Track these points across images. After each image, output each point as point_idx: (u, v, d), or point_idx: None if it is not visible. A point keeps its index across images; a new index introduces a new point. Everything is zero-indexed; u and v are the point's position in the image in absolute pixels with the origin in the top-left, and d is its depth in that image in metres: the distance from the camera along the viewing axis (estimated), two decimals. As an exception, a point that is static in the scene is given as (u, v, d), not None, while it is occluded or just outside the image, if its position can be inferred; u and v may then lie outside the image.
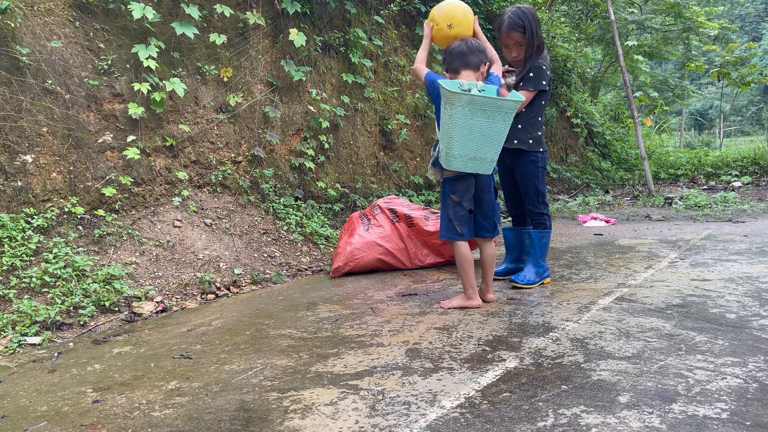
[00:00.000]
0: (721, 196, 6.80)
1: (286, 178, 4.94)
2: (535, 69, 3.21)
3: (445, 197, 2.99)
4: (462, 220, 2.95)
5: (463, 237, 2.96)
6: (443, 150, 2.81)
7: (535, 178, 3.29)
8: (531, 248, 3.34)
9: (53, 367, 2.49)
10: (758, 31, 34.13)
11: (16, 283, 3.09)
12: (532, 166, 3.29)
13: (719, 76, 10.68)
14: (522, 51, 3.23)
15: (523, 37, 3.20)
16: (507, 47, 3.29)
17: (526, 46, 3.21)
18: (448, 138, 2.75)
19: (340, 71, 5.58)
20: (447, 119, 2.72)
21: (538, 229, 3.33)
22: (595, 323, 2.59)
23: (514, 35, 3.20)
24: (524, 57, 3.23)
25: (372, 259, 3.96)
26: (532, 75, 3.21)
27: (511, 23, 3.19)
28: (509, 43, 3.25)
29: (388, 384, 2.05)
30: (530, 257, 3.37)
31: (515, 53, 3.25)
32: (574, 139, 10.12)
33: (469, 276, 2.97)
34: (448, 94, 2.67)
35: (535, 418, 1.72)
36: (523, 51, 3.23)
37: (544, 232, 3.31)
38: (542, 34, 3.34)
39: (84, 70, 3.79)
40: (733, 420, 1.64)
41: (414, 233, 4.06)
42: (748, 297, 2.87)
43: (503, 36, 3.25)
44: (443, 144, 2.79)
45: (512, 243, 3.62)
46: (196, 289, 3.66)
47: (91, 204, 3.70)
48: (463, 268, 2.97)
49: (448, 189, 2.97)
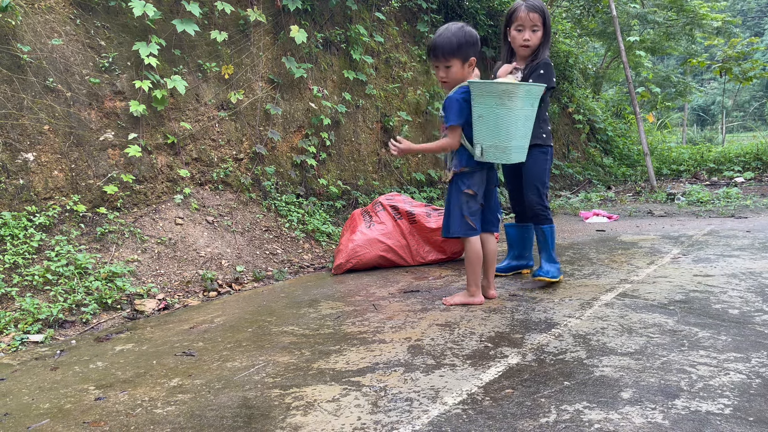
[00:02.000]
0: (724, 191, 6.78)
1: (288, 176, 4.93)
2: (546, 66, 3.19)
3: (458, 192, 2.93)
4: (475, 215, 2.94)
5: (476, 232, 2.94)
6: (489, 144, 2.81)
7: (543, 172, 3.27)
8: (544, 244, 3.29)
9: (56, 364, 2.50)
10: (760, 26, 34.00)
11: (18, 281, 3.09)
12: (543, 158, 3.26)
13: (721, 72, 10.66)
14: (534, 36, 3.19)
15: (541, 20, 3.17)
16: (520, 30, 3.21)
17: (542, 32, 3.19)
18: (505, 132, 2.78)
19: (341, 68, 5.57)
20: (503, 113, 2.75)
21: (546, 224, 3.29)
22: (597, 319, 2.59)
23: (533, 16, 3.16)
24: (537, 43, 3.20)
25: (374, 256, 3.96)
26: (543, 72, 3.18)
27: (531, 5, 3.17)
28: (526, 23, 3.18)
29: (390, 380, 2.05)
30: (544, 252, 3.30)
31: (527, 36, 3.19)
32: (576, 135, 10.10)
33: (477, 273, 2.96)
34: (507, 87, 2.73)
35: (538, 415, 1.72)
36: (536, 36, 3.19)
37: (553, 227, 3.31)
38: None
39: (85, 68, 3.78)
40: (736, 416, 1.64)
41: (416, 230, 4.05)
42: (751, 293, 2.86)
43: (521, 16, 3.20)
44: (491, 139, 2.80)
45: (515, 239, 3.60)
46: (198, 286, 3.66)
47: (92, 202, 3.70)
48: (474, 265, 2.94)
49: (463, 184, 2.92)
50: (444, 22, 7.02)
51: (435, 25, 6.89)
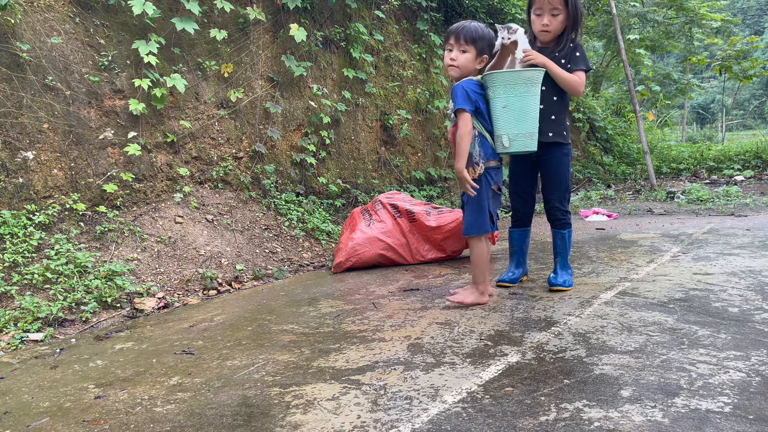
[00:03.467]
0: (724, 190, 6.78)
1: (288, 174, 4.93)
2: (580, 47, 2.96)
3: (487, 188, 2.85)
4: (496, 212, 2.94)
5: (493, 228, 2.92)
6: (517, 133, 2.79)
7: (567, 173, 3.05)
8: (563, 248, 3.11)
9: (55, 363, 2.50)
10: (760, 25, 33.97)
11: (18, 280, 3.09)
12: (566, 159, 3.04)
13: (721, 70, 10.65)
14: (555, 21, 2.93)
15: (563, 2, 2.90)
16: (539, 14, 2.97)
17: (566, 16, 2.93)
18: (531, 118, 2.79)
19: (340, 66, 5.56)
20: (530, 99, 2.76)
21: (567, 228, 3.11)
22: (597, 317, 2.59)
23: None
24: (559, 27, 2.95)
25: (373, 254, 3.96)
26: (578, 54, 2.94)
27: None
28: (545, 6, 2.92)
29: (389, 379, 2.05)
30: (561, 258, 3.13)
31: (546, 20, 2.94)
32: (576, 133, 10.09)
33: (485, 271, 2.91)
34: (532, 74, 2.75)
35: (538, 413, 1.72)
36: (557, 22, 2.93)
37: (572, 230, 3.16)
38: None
39: (84, 67, 3.78)
40: (736, 414, 1.64)
41: (416, 228, 4.05)
42: (751, 291, 2.86)
43: None
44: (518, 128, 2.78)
45: (519, 245, 3.29)
46: (197, 285, 3.66)
47: (92, 200, 3.70)
48: (484, 263, 2.89)
49: (492, 179, 2.86)
50: (444, 20, 7.03)
51: (434, 23, 6.89)
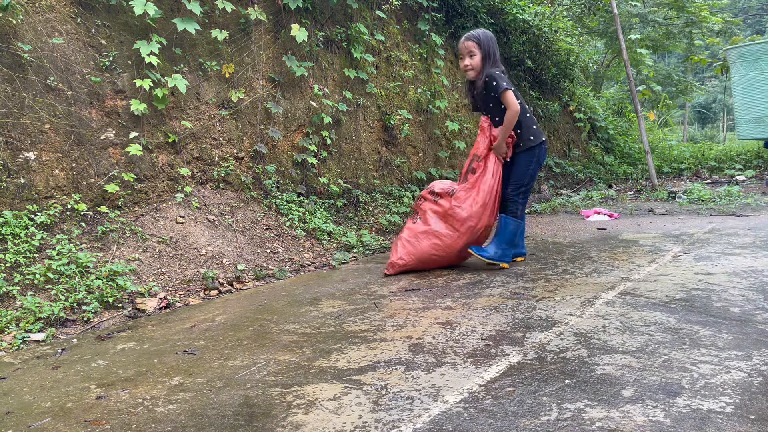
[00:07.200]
0: (725, 190, 6.77)
1: (289, 174, 4.93)
2: (493, 76, 3.64)
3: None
4: None
5: None
6: None
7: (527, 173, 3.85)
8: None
9: (57, 363, 2.50)
10: (762, 24, 33.94)
11: (19, 280, 3.09)
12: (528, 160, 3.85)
13: (722, 70, 10.64)
14: (473, 61, 3.68)
15: (476, 45, 3.66)
16: (462, 57, 3.73)
17: (481, 56, 3.70)
18: None
19: (342, 66, 5.56)
20: None
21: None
22: (598, 317, 2.59)
23: (468, 44, 3.68)
24: (479, 64, 3.69)
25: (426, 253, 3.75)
26: (495, 83, 3.64)
27: (467, 35, 3.69)
28: (464, 51, 3.70)
29: (391, 379, 2.05)
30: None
31: (467, 62, 3.70)
32: (577, 133, 10.09)
33: None
34: None
35: (539, 413, 1.72)
36: (474, 61, 3.68)
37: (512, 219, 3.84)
38: None
39: (86, 67, 3.78)
40: (738, 414, 1.64)
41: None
42: (753, 291, 2.86)
43: (459, 47, 3.76)
44: None
45: None
46: (199, 285, 3.66)
47: (93, 200, 3.70)
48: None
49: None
50: (445, 20, 7.03)
51: (435, 23, 6.89)
